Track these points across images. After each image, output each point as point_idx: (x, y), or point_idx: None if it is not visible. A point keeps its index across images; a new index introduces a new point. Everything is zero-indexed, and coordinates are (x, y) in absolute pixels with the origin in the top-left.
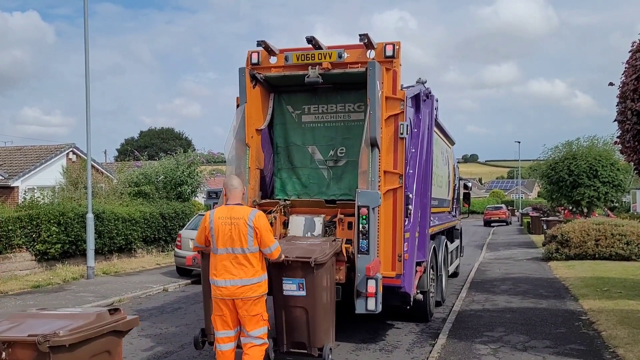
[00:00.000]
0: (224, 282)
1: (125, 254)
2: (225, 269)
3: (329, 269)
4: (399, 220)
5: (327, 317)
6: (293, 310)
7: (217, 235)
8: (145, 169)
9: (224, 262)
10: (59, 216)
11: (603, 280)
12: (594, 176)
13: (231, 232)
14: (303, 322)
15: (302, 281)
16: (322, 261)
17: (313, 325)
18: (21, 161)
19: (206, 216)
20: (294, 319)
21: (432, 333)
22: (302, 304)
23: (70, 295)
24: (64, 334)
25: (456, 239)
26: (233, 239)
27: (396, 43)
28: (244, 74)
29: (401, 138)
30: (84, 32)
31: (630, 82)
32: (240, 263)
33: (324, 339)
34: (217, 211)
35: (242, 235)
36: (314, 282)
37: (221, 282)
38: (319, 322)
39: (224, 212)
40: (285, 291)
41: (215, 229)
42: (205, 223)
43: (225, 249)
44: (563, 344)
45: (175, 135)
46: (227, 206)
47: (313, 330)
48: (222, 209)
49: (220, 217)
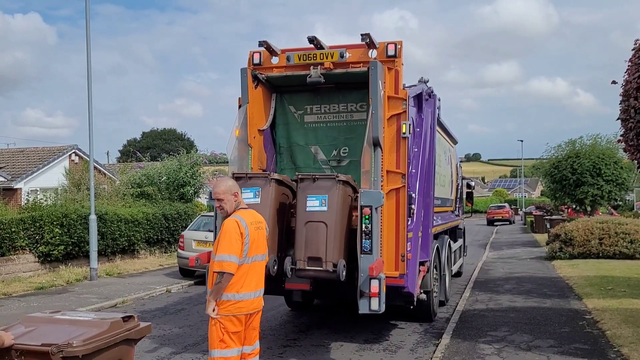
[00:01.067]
0: (254, 294)
1: (128, 255)
2: (256, 279)
3: (349, 195)
4: (402, 220)
5: (343, 236)
6: (313, 226)
7: (251, 243)
8: (147, 170)
9: (253, 271)
10: (61, 218)
11: (607, 279)
12: (598, 175)
13: (259, 238)
14: (322, 237)
15: (325, 197)
16: (345, 179)
17: (330, 240)
18: (24, 163)
19: (237, 223)
20: (314, 234)
21: (435, 333)
22: (322, 219)
23: (73, 297)
24: (77, 345)
25: (459, 238)
26: (260, 245)
27: (398, 42)
28: (246, 74)
29: (404, 137)
30: (85, 33)
31: (633, 80)
32: (263, 270)
33: (339, 256)
34: (245, 216)
35: (265, 240)
36: (336, 198)
37: (251, 294)
38: (336, 238)
39: (251, 216)
40: (309, 207)
41: (251, 235)
42: (239, 230)
43: (255, 256)
44: (567, 343)
45: (178, 136)
46: (247, 210)
47: (330, 245)
48: (247, 213)
49: (252, 222)
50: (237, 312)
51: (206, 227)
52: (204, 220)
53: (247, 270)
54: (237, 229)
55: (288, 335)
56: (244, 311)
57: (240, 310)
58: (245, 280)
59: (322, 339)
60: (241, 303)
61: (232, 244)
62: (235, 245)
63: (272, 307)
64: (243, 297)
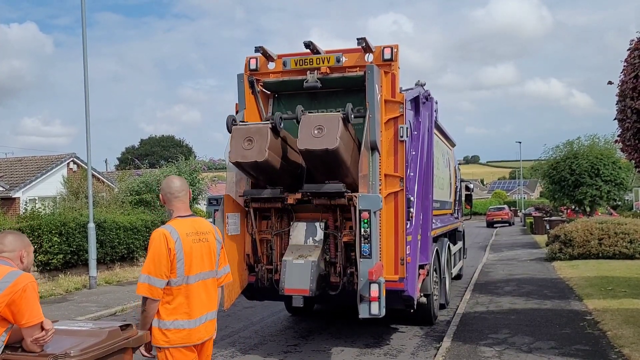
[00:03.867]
0: (200, 320)
1: (127, 263)
2: (199, 302)
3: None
4: (401, 224)
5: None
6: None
7: (188, 259)
8: (146, 177)
9: (198, 292)
10: (60, 226)
11: (607, 280)
12: (596, 175)
13: (202, 252)
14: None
15: None
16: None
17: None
18: (22, 172)
19: (165, 236)
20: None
21: (436, 336)
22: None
23: (73, 306)
24: (74, 354)
25: (459, 240)
26: (204, 260)
27: (394, 46)
28: (243, 80)
29: (401, 141)
30: (82, 41)
31: (629, 80)
32: (211, 291)
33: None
34: (178, 226)
35: (213, 254)
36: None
37: (197, 320)
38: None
39: (188, 226)
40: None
41: (185, 251)
42: (167, 245)
43: (198, 275)
44: (568, 345)
45: (176, 143)
46: (185, 218)
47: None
48: (182, 222)
49: (189, 233)
50: (180, 342)
51: None
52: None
53: (189, 291)
54: (163, 243)
55: (289, 340)
56: (190, 341)
57: (184, 341)
58: (188, 304)
59: (322, 344)
60: (186, 332)
61: (155, 262)
62: (156, 264)
63: (272, 312)
64: (187, 325)
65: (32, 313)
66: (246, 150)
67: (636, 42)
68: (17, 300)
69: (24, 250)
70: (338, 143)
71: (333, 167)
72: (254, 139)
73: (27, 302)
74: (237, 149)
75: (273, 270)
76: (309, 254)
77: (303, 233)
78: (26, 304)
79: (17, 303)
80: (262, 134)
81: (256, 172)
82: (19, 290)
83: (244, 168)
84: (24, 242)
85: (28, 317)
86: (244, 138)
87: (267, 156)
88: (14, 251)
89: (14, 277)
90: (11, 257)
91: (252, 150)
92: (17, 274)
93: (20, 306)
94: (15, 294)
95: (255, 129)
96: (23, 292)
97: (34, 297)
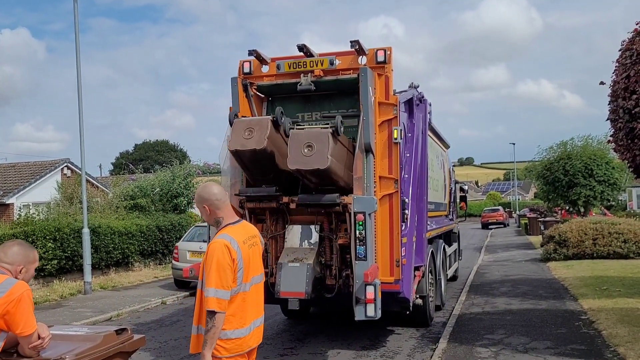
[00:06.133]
0: (253, 325)
1: (122, 268)
2: (252, 308)
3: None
4: (396, 226)
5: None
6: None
7: (246, 267)
8: (140, 182)
9: (252, 298)
10: (54, 232)
11: (602, 279)
12: (590, 175)
13: (255, 257)
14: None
15: None
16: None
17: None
18: (15, 178)
19: (227, 247)
20: None
21: (432, 337)
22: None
23: (67, 312)
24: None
25: (454, 242)
26: (257, 265)
27: (387, 48)
28: (236, 84)
29: (395, 143)
30: (75, 46)
31: (621, 80)
32: (262, 294)
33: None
34: (236, 234)
35: (261, 258)
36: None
37: (251, 326)
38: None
39: (242, 232)
40: None
41: (244, 259)
42: (231, 256)
43: (253, 278)
44: (564, 344)
45: (170, 147)
46: (237, 224)
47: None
48: (236, 229)
49: (245, 240)
50: (239, 350)
51: (200, 237)
52: (198, 231)
53: (245, 298)
54: (228, 255)
55: (285, 344)
56: (244, 349)
57: (241, 349)
58: (243, 311)
59: (319, 346)
60: (243, 340)
61: (220, 275)
62: (222, 276)
63: (268, 316)
64: (244, 333)
65: (27, 323)
66: (246, 140)
67: (627, 43)
68: (11, 310)
69: (24, 266)
70: (329, 162)
71: (326, 179)
72: (254, 129)
73: (21, 313)
74: (237, 138)
75: (269, 273)
76: (305, 257)
77: (298, 236)
78: (21, 315)
79: (11, 314)
80: (262, 124)
81: (254, 164)
82: (14, 300)
83: (242, 159)
84: (28, 258)
85: (23, 327)
86: (244, 128)
87: (265, 144)
88: (12, 264)
89: (8, 286)
90: (9, 269)
91: (252, 140)
92: (12, 283)
93: (15, 317)
94: (9, 305)
95: (256, 120)
96: (18, 302)
97: (29, 307)
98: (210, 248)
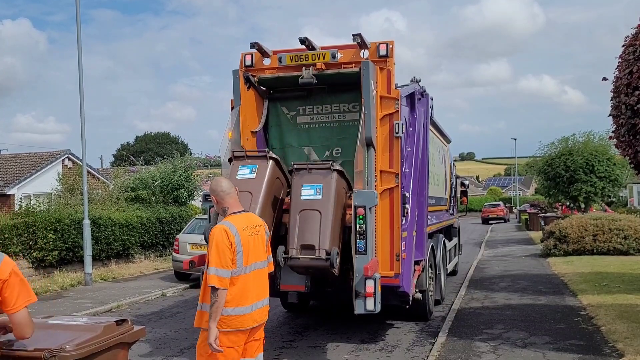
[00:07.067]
0: (255, 306)
1: (122, 260)
2: (255, 289)
3: (342, 188)
4: (396, 220)
5: (337, 225)
6: (307, 214)
7: (246, 251)
8: (141, 174)
9: (253, 281)
10: (55, 223)
11: (601, 275)
12: (591, 171)
13: (257, 244)
14: (315, 224)
15: (319, 186)
16: (339, 169)
17: (324, 228)
18: (16, 169)
19: (225, 231)
20: (307, 222)
21: (431, 332)
22: (317, 207)
23: (68, 302)
24: (70, 349)
25: (454, 237)
26: (259, 251)
27: (390, 42)
28: (238, 76)
29: (397, 137)
30: (77, 38)
31: (623, 76)
32: (264, 279)
33: (332, 244)
34: (236, 222)
35: (265, 245)
36: (330, 188)
37: (252, 307)
38: (329, 226)
39: (244, 220)
40: (303, 196)
41: (244, 243)
42: (229, 239)
43: (254, 264)
44: (563, 340)
45: (171, 140)
46: (240, 214)
47: (324, 233)
48: (239, 218)
49: (245, 227)
50: (238, 327)
51: (201, 229)
52: (198, 223)
53: (246, 280)
54: (226, 238)
55: (284, 336)
56: (245, 326)
57: (241, 325)
58: (244, 291)
59: (318, 339)
60: (242, 318)
61: (219, 255)
62: (221, 256)
63: None
64: (244, 311)
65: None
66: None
67: (630, 39)
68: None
69: None
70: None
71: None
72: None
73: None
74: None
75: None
76: None
77: None
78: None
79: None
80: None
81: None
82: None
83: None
84: None
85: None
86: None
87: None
88: None
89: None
90: None
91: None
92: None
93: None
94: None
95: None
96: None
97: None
98: (212, 233)
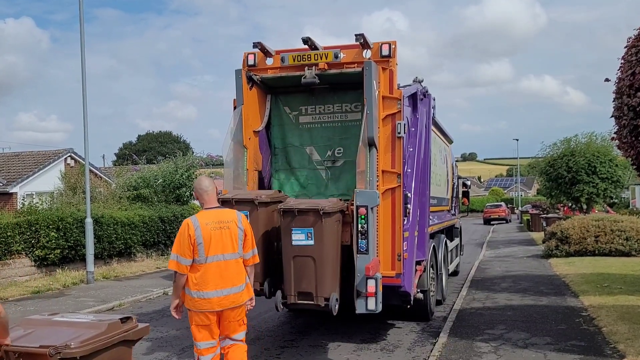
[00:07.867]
0: (215, 293)
1: (125, 258)
2: (215, 278)
3: (336, 221)
4: (398, 220)
5: (333, 268)
6: (301, 261)
7: (207, 244)
8: (143, 173)
9: (213, 271)
10: (57, 221)
11: (603, 276)
12: (593, 172)
13: (222, 238)
14: (311, 271)
15: (310, 230)
16: (330, 211)
17: (320, 275)
18: (19, 167)
19: (187, 224)
20: (302, 269)
21: (433, 332)
22: (310, 253)
23: (70, 301)
24: (75, 346)
25: (456, 237)
26: (221, 244)
27: (392, 42)
28: (241, 76)
29: (399, 137)
30: (80, 36)
31: (626, 77)
32: (231, 270)
33: (330, 289)
34: (202, 217)
35: (234, 239)
36: (322, 231)
37: (211, 293)
38: (326, 272)
39: (209, 216)
40: (294, 241)
41: (204, 236)
42: (188, 232)
43: (215, 256)
44: (564, 341)
45: (174, 139)
46: (210, 210)
47: (320, 280)
48: (206, 213)
49: (209, 222)
50: (199, 308)
51: None
52: None
53: (207, 270)
54: (186, 230)
55: (285, 336)
56: (205, 308)
57: (201, 307)
58: (205, 279)
59: (319, 339)
60: (202, 301)
61: (180, 244)
62: (181, 246)
63: (269, 308)
64: (203, 296)
65: None
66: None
67: (633, 40)
68: None
69: None
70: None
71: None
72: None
73: None
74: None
75: None
76: None
77: None
78: None
79: None
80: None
81: None
82: None
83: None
84: None
85: None
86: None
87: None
88: None
89: None
90: None
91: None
92: None
93: None
94: None
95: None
96: None
97: None
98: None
